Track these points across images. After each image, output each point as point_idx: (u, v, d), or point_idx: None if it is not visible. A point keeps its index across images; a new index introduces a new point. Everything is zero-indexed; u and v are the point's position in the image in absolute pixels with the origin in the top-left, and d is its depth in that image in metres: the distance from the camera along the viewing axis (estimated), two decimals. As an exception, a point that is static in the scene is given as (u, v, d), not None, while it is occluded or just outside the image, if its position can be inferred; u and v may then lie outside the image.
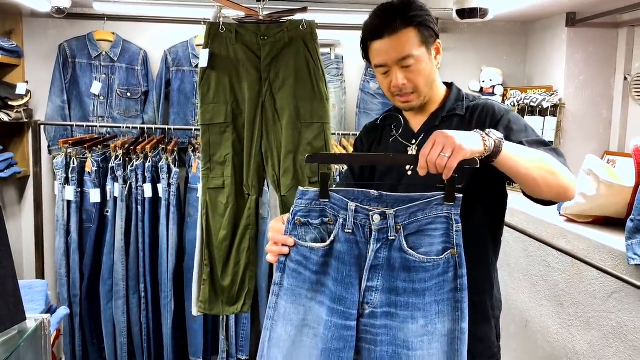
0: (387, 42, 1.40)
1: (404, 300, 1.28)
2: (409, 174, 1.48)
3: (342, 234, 1.28)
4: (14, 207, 3.27)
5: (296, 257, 1.32)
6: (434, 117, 1.51)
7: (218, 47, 2.13)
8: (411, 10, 1.41)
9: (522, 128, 1.42)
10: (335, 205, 1.28)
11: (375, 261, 1.28)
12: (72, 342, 2.91)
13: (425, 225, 1.27)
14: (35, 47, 3.20)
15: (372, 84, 3.34)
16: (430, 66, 1.45)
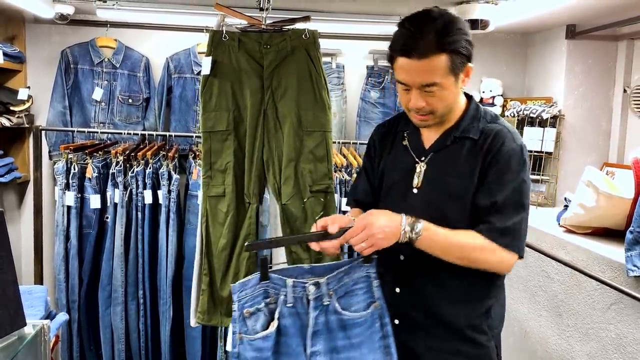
0: (414, 64, 1.32)
1: (344, 356, 1.44)
2: (414, 192, 1.48)
3: (285, 309, 1.42)
4: (14, 212, 3.27)
5: (250, 354, 1.41)
6: (446, 136, 1.48)
7: (221, 55, 2.14)
8: (449, 34, 1.32)
9: (505, 183, 1.38)
10: (276, 284, 1.42)
11: (315, 327, 1.42)
12: (69, 348, 2.90)
13: (351, 286, 1.44)
14: (37, 52, 3.22)
15: (372, 93, 3.36)
16: (455, 92, 1.41)
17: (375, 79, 3.36)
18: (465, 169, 1.42)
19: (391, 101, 3.36)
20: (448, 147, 1.47)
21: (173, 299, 2.89)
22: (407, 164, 1.52)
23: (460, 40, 1.33)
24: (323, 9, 2.89)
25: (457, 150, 1.45)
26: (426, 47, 1.30)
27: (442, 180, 1.45)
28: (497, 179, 1.39)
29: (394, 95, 3.36)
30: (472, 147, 1.44)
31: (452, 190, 1.43)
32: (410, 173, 1.50)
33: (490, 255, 1.38)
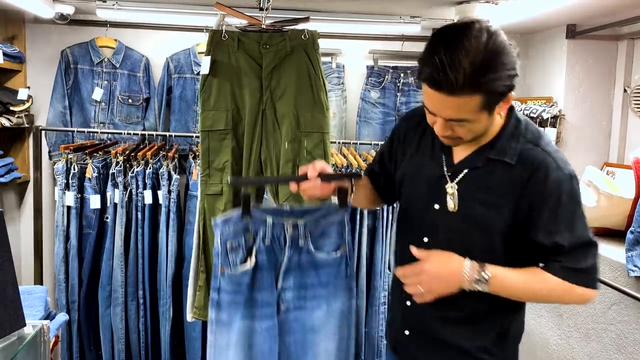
0: (442, 97, 1.17)
1: (312, 293, 1.55)
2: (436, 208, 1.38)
3: (262, 246, 1.50)
4: (14, 212, 3.26)
5: (230, 288, 1.51)
6: (479, 155, 1.33)
7: (220, 54, 2.14)
8: (488, 72, 1.13)
9: (570, 214, 1.26)
10: (256, 221, 1.50)
11: (288, 265, 1.53)
12: (69, 349, 2.90)
13: (326, 229, 1.54)
14: (37, 52, 3.21)
15: (372, 93, 3.35)
16: (487, 124, 1.26)
17: (375, 79, 3.36)
18: (497, 198, 1.29)
19: (391, 101, 3.36)
20: (479, 169, 1.33)
21: (173, 299, 2.89)
22: (433, 177, 1.40)
23: (501, 78, 1.15)
24: (323, 9, 2.89)
25: (489, 173, 1.31)
26: (457, 86, 1.13)
27: (469, 207, 1.33)
28: (552, 219, 1.26)
29: (394, 96, 3.35)
30: (506, 174, 1.29)
31: (479, 219, 1.31)
32: (435, 188, 1.38)
33: (566, 296, 1.31)
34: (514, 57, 1.17)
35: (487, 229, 1.30)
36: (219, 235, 1.48)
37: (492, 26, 1.18)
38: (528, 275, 1.30)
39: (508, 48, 1.16)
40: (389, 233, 2.94)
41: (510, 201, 1.27)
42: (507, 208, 1.28)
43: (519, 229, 1.29)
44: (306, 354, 1.59)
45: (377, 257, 2.95)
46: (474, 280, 1.27)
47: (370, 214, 2.97)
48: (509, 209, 1.28)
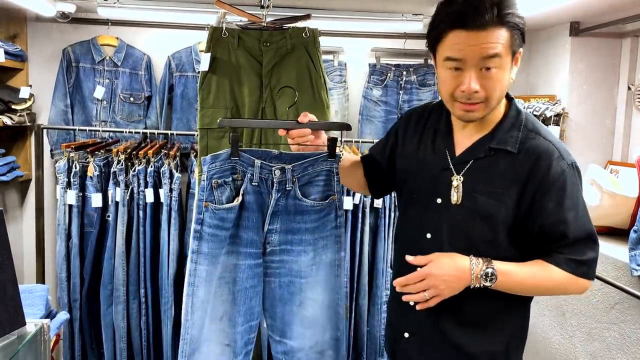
0: (472, 35, 1.19)
1: (298, 238, 1.57)
2: (438, 202, 1.37)
3: (250, 187, 1.52)
4: (16, 211, 3.27)
5: (213, 222, 1.52)
6: (480, 145, 1.33)
7: (220, 51, 2.13)
8: (509, 6, 1.20)
9: (574, 204, 1.27)
10: (244, 162, 1.51)
11: (275, 208, 1.55)
12: (71, 347, 2.90)
13: (313, 177, 1.55)
14: (39, 51, 3.21)
15: (374, 91, 3.34)
16: (508, 77, 1.26)
17: (377, 77, 3.34)
18: (500, 188, 1.29)
19: (393, 99, 3.35)
20: (482, 160, 1.32)
21: (175, 297, 2.88)
22: (437, 170, 1.39)
23: (519, 16, 1.22)
24: (325, 7, 2.88)
25: (491, 163, 1.31)
26: (487, 18, 1.17)
27: (472, 198, 1.32)
28: (557, 209, 1.26)
29: (397, 94, 3.34)
30: (509, 164, 1.29)
31: (482, 209, 1.30)
32: (438, 182, 1.37)
33: (569, 287, 1.32)
34: None
35: (490, 220, 1.29)
36: (206, 172, 1.50)
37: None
38: (533, 268, 1.30)
39: None
40: (391, 231, 2.93)
41: (514, 191, 1.27)
42: (511, 198, 1.28)
43: (523, 219, 1.29)
44: (292, 298, 1.60)
45: (379, 255, 2.94)
46: (481, 276, 1.26)
47: (373, 212, 2.97)
48: (512, 200, 1.27)
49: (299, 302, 1.61)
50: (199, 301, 1.54)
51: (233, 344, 1.58)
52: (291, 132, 1.50)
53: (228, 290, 1.56)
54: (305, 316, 1.61)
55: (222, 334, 1.57)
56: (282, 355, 1.64)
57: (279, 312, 1.62)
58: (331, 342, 1.64)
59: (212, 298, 1.55)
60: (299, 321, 1.61)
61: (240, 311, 1.58)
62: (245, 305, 1.58)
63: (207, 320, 1.55)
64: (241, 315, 1.58)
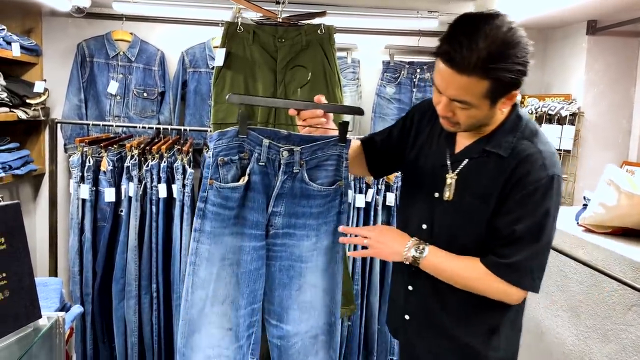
0: (451, 75, 1.21)
1: (302, 222, 1.54)
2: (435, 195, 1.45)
3: (257, 167, 1.47)
4: (29, 205, 3.29)
5: (217, 200, 1.48)
6: (476, 147, 1.39)
7: (235, 46, 2.13)
8: (499, 60, 1.18)
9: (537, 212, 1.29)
10: (252, 141, 1.46)
11: (281, 190, 1.50)
12: (83, 341, 2.91)
13: (322, 161, 1.51)
14: (54, 45, 3.23)
15: (388, 89, 3.33)
16: (488, 114, 1.30)
17: (391, 75, 3.33)
18: (486, 189, 1.35)
19: (407, 97, 3.33)
20: (475, 159, 1.38)
21: (186, 293, 2.88)
22: (436, 166, 1.46)
23: (510, 70, 1.19)
24: (339, 3, 2.86)
25: (482, 165, 1.37)
26: (469, 65, 1.18)
27: (462, 197, 1.39)
28: (515, 209, 1.30)
29: (410, 91, 3.33)
30: (498, 166, 1.34)
31: (469, 209, 1.38)
32: (437, 177, 1.45)
33: (489, 289, 1.35)
34: (527, 55, 1.22)
35: (476, 219, 1.36)
36: (212, 149, 1.45)
37: (514, 22, 1.23)
38: (462, 262, 1.37)
39: (524, 44, 1.21)
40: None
41: (496, 191, 1.33)
42: (494, 199, 1.33)
43: (491, 216, 1.34)
44: (291, 282, 1.59)
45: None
46: (412, 251, 1.38)
47: (385, 210, 2.95)
48: (494, 200, 1.33)
49: (297, 287, 1.60)
50: (199, 281, 1.51)
51: (236, 327, 1.56)
52: (303, 113, 1.48)
53: (232, 272, 1.54)
54: (302, 301, 1.61)
55: (225, 317, 1.55)
56: (277, 339, 1.63)
57: (277, 296, 1.61)
58: (325, 327, 1.64)
59: (215, 279, 1.52)
60: (297, 306, 1.61)
61: (243, 294, 1.56)
62: (248, 288, 1.56)
63: (208, 302, 1.53)
64: (244, 298, 1.56)
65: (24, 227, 1.50)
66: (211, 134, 1.47)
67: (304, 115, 1.48)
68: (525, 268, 1.32)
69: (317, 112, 1.47)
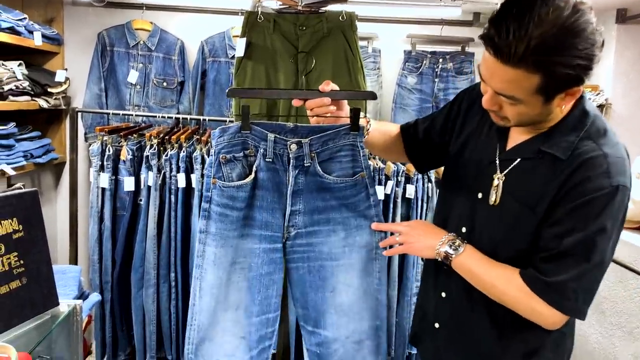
0: (497, 66, 1.04)
1: (325, 216, 1.43)
2: (478, 196, 1.28)
3: (264, 163, 1.38)
4: (50, 193, 3.32)
5: (222, 201, 1.40)
6: (531, 145, 1.19)
7: (255, 36, 2.10)
8: (556, 51, 0.99)
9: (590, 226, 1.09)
10: (256, 136, 1.38)
11: (295, 187, 1.41)
12: (102, 328, 2.93)
13: (335, 152, 1.40)
14: (75, 35, 3.24)
15: (409, 79, 3.27)
16: (540, 112, 1.11)
17: (412, 64, 3.28)
18: (536, 195, 1.16)
19: (428, 87, 3.27)
20: (528, 160, 1.19)
21: (204, 283, 2.88)
22: (483, 162, 1.28)
23: (568, 64, 1.00)
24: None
25: (536, 167, 1.18)
26: (516, 56, 1.00)
27: (508, 202, 1.21)
28: (567, 219, 1.11)
29: (432, 82, 3.27)
30: (553, 169, 1.14)
31: (514, 216, 1.20)
32: (482, 175, 1.28)
33: (521, 305, 1.18)
34: (593, 46, 1.01)
35: (521, 230, 1.19)
36: (214, 146, 1.38)
37: (583, 3, 1.02)
38: (498, 270, 1.21)
39: (590, 32, 1.00)
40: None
41: (547, 197, 1.14)
42: (543, 207, 1.15)
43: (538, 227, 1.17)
44: (324, 284, 1.47)
45: (410, 246, 2.88)
46: (446, 246, 1.27)
47: (404, 203, 2.91)
48: (544, 208, 1.15)
49: (331, 288, 1.48)
50: (207, 286, 1.43)
51: (248, 336, 1.47)
52: (308, 103, 1.37)
53: (243, 276, 1.45)
54: (339, 303, 1.49)
55: (238, 325, 1.46)
56: (316, 347, 1.52)
57: (311, 299, 1.49)
58: (370, 332, 1.51)
59: (225, 284, 1.44)
60: (333, 309, 1.49)
61: (255, 300, 1.46)
62: (260, 294, 1.46)
63: (219, 309, 1.45)
64: (256, 304, 1.46)
65: (41, 214, 1.50)
66: (214, 131, 1.39)
67: (309, 105, 1.38)
68: (569, 289, 1.12)
69: (324, 100, 1.37)
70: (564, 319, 1.16)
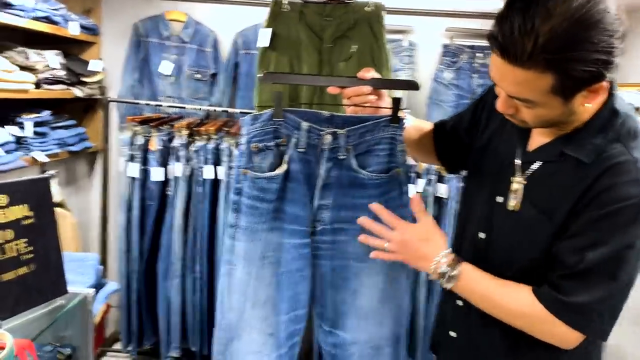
0: (502, 65, 0.96)
1: (353, 214, 1.32)
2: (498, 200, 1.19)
3: (296, 154, 1.32)
4: (85, 181, 3.37)
5: (253, 193, 1.33)
6: (554, 147, 1.09)
7: (280, 26, 2.06)
8: (568, 47, 0.89)
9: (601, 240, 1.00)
10: (289, 125, 1.30)
11: (326, 180, 1.34)
12: (128, 318, 2.96)
13: (373, 145, 1.33)
14: (112, 25, 3.27)
15: (445, 74, 3.16)
16: (561, 112, 1.01)
17: (449, 59, 3.16)
18: (555, 204, 1.06)
19: (466, 83, 3.15)
20: (550, 164, 1.10)
21: (229, 276, 2.87)
22: (504, 163, 1.18)
23: (584, 60, 0.90)
24: (395, -18, 2.73)
25: (557, 172, 1.08)
26: (524, 55, 0.91)
27: (527, 207, 1.12)
28: (590, 230, 1.00)
29: (470, 77, 3.14)
30: (576, 174, 1.03)
31: (531, 224, 1.10)
32: (502, 178, 1.18)
33: (538, 329, 1.08)
34: (612, 37, 0.91)
35: (537, 239, 1.09)
36: (245, 134, 1.32)
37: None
38: (508, 292, 1.10)
39: (607, 23, 0.91)
40: (453, 224, 2.77)
41: (567, 205, 1.04)
42: (561, 215, 1.05)
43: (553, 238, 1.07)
44: (346, 284, 1.41)
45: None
46: (440, 273, 1.15)
47: (436, 203, 2.81)
48: (562, 216, 1.05)
49: (353, 290, 1.42)
50: (236, 282, 1.38)
51: (276, 333, 1.42)
52: (346, 91, 1.29)
53: (272, 272, 1.39)
54: (360, 306, 1.43)
55: (265, 321, 1.41)
56: (332, 347, 1.47)
57: (330, 299, 1.44)
58: (390, 339, 1.45)
59: (254, 280, 1.39)
60: (354, 311, 1.43)
61: (284, 297, 1.41)
62: (289, 291, 1.41)
63: (248, 305, 1.40)
64: (285, 301, 1.41)
65: (52, 200, 1.49)
66: (244, 118, 1.33)
67: (347, 93, 1.30)
68: (594, 312, 1.02)
69: (363, 89, 1.28)
70: (582, 339, 1.07)
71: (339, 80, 1.30)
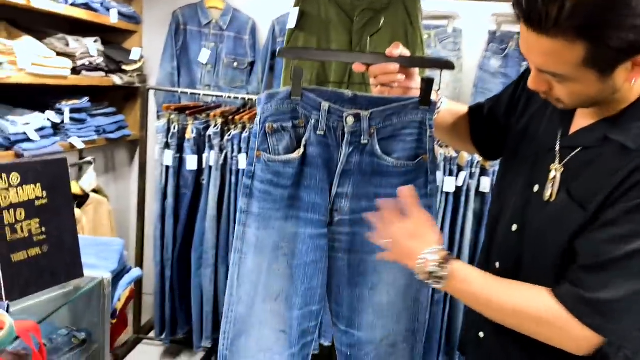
0: (532, 37, 0.87)
1: (374, 205, 1.19)
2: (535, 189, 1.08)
3: (314, 137, 1.21)
4: (124, 169, 3.40)
5: (266, 177, 1.24)
6: (595, 130, 0.99)
7: (309, 6, 1.97)
8: (600, 13, 0.80)
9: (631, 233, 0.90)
10: (308, 104, 1.19)
11: (346, 166, 1.24)
12: (161, 306, 2.96)
13: (399, 129, 1.22)
14: (153, 13, 3.27)
15: (492, 62, 2.99)
16: (599, 89, 0.91)
17: (497, 46, 2.99)
18: (592, 193, 0.96)
19: (514, 71, 2.97)
20: (590, 149, 1.00)
21: (261, 267, 2.82)
22: (543, 148, 1.08)
23: (621, 26, 0.80)
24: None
25: (597, 158, 0.98)
26: (549, 22, 0.82)
27: (563, 197, 1.02)
28: (626, 221, 0.90)
29: (518, 65, 2.96)
30: (618, 160, 0.93)
31: (564, 215, 0.99)
32: (539, 165, 1.08)
33: (549, 332, 0.98)
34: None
35: (568, 231, 0.98)
36: (260, 113, 1.22)
37: None
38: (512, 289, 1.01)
39: None
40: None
41: (602, 194, 0.94)
42: (595, 204, 0.95)
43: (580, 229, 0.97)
44: (364, 280, 1.31)
45: (481, 243, 2.64)
46: (427, 273, 1.05)
47: (478, 197, 2.67)
48: (596, 205, 0.95)
49: (371, 286, 1.32)
50: (247, 272, 1.29)
51: (289, 330, 1.32)
52: (372, 69, 1.18)
53: (286, 263, 1.29)
54: (378, 303, 1.33)
55: (278, 317, 1.32)
56: (347, 347, 1.37)
57: (347, 296, 1.34)
58: (406, 335, 1.36)
59: (266, 271, 1.29)
60: (371, 309, 1.33)
61: (298, 291, 1.31)
62: (304, 285, 1.30)
63: (258, 298, 1.31)
64: (299, 295, 1.31)
65: (69, 183, 1.47)
66: (259, 96, 1.23)
67: (373, 72, 1.18)
68: (617, 312, 0.91)
69: (390, 67, 1.17)
70: (601, 343, 0.95)
71: (363, 57, 1.19)
